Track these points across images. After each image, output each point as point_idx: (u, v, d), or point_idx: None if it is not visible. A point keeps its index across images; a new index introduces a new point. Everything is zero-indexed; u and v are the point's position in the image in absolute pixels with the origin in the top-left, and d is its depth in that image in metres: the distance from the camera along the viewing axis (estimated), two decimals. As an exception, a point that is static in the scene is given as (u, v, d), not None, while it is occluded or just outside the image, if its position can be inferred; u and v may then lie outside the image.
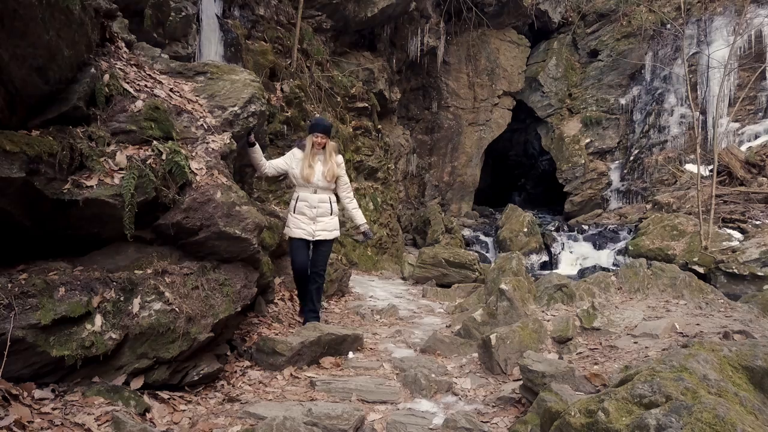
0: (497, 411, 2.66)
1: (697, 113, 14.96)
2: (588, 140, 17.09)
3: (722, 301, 3.55)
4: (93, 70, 2.79)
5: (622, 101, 16.99)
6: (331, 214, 3.99)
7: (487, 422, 2.56)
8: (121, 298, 2.58)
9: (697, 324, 2.90)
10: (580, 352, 2.90)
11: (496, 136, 16.80)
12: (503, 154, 20.61)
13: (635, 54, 16.48)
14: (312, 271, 3.99)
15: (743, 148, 14.24)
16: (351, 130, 9.61)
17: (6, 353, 2.18)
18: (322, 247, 3.99)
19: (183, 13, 6.33)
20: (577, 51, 18.02)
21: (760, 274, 8.19)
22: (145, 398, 2.53)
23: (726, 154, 13.79)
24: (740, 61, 14.57)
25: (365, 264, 8.45)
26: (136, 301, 2.60)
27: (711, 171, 14.35)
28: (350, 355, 3.46)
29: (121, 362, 2.56)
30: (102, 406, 2.35)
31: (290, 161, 4.00)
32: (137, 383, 2.59)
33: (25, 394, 2.27)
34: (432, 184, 16.11)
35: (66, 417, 2.23)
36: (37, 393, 2.31)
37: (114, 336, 2.50)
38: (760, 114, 15.12)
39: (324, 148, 3.95)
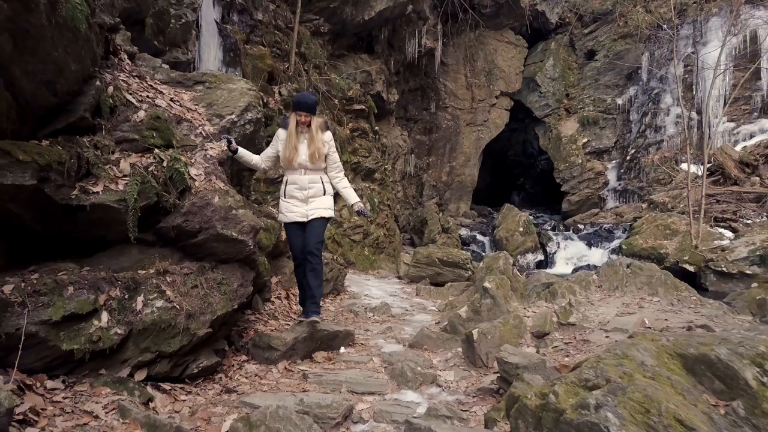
0: (477, 401, 2.85)
1: (691, 113, 15.09)
2: (585, 140, 17.23)
3: (694, 298, 3.73)
4: (98, 82, 2.97)
5: (619, 101, 17.13)
6: (324, 194, 3.75)
7: (467, 411, 2.75)
8: (126, 297, 2.76)
9: (666, 319, 3.09)
10: (556, 346, 3.08)
11: (494, 136, 16.98)
12: (502, 154, 20.78)
13: (632, 54, 16.61)
14: (305, 251, 3.68)
15: (738, 147, 14.35)
16: (348, 132, 9.80)
17: (21, 347, 2.37)
18: (313, 223, 3.69)
19: (183, 20, 6.51)
20: (574, 51, 18.16)
21: (748, 272, 8.35)
22: (148, 389, 2.72)
23: (720, 153, 13.93)
24: (735, 62, 14.70)
25: (362, 263, 8.64)
26: (140, 299, 2.78)
27: (706, 170, 14.52)
28: (342, 350, 3.65)
29: (126, 356, 2.75)
30: (109, 396, 2.54)
31: (275, 143, 3.77)
32: (141, 375, 2.78)
33: (38, 384, 2.46)
34: (430, 184, 16.29)
35: (76, 405, 2.43)
36: (49, 383, 2.50)
37: (119, 331, 2.68)
38: (755, 114, 15.23)
39: (309, 126, 3.67)
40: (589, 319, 3.27)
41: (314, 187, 3.73)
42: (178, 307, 2.84)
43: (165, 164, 2.97)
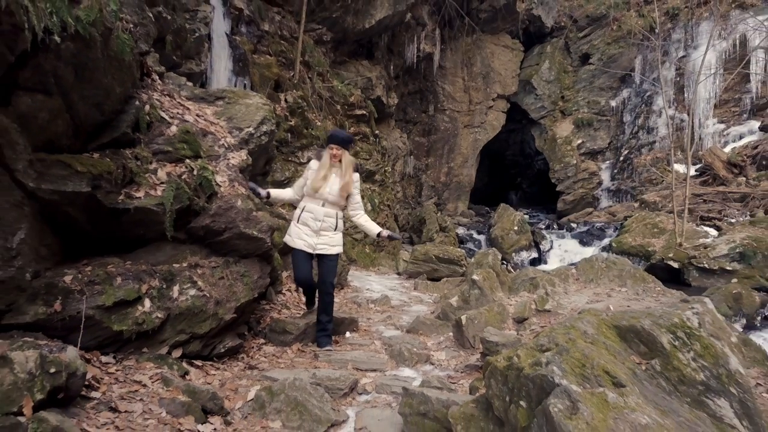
0: (464, 375, 3.33)
1: (683, 115, 15.55)
2: (580, 141, 17.68)
3: (659, 288, 4.19)
4: (137, 102, 3.43)
5: (613, 103, 17.59)
6: (335, 230, 3.83)
7: (455, 383, 3.22)
8: (164, 286, 3.23)
9: (628, 306, 3.55)
10: (533, 329, 3.55)
11: (491, 137, 17.43)
12: (500, 154, 21.23)
13: (625, 57, 17.07)
14: (320, 288, 3.84)
15: (728, 148, 14.79)
16: (350, 135, 10.26)
17: (82, 327, 2.84)
18: (327, 260, 3.83)
19: (196, 34, 6.99)
20: (569, 55, 18.60)
21: (728, 268, 8.80)
22: (184, 364, 3.19)
23: (709, 154, 14.38)
24: (725, 65, 15.15)
25: (363, 261, 9.10)
26: (176, 288, 3.25)
27: (696, 171, 15.03)
28: (347, 334, 4.12)
29: (164, 336, 3.22)
30: (152, 369, 3.01)
31: (306, 173, 3.91)
32: (177, 353, 3.25)
33: (95, 359, 2.93)
34: (429, 184, 16.75)
35: (127, 376, 2.89)
36: (103, 359, 2.97)
37: (159, 315, 3.15)
38: (745, 115, 15.66)
39: (341, 161, 3.80)
40: (563, 306, 3.74)
41: (328, 221, 3.80)
42: (207, 295, 3.31)
43: (195, 173, 3.44)
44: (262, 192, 3.83)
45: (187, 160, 3.48)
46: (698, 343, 1.99)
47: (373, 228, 3.96)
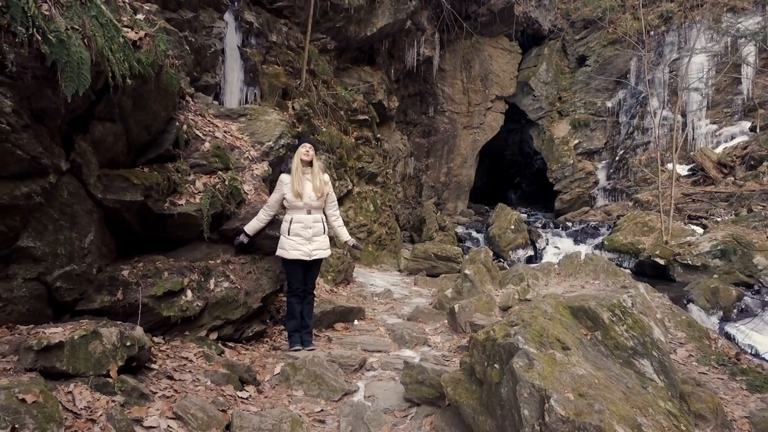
0: (456, 354, 3.92)
1: (672, 115, 16.10)
2: (577, 141, 18.19)
3: (628, 281, 4.77)
4: (177, 122, 4.03)
5: (609, 104, 18.09)
6: (324, 233, 4.09)
7: (448, 360, 3.82)
8: (202, 279, 3.83)
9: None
10: (515, 315, 4.15)
11: (490, 138, 17.98)
12: (499, 154, 21.75)
13: (621, 59, 17.56)
14: (306, 289, 4.09)
15: (720, 148, 15.29)
16: (353, 140, 10.85)
17: (140, 312, 3.44)
18: (316, 266, 4.13)
19: (212, 49, 7.56)
20: (566, 57, 19.11)
21: (710, 264, 9.37)
22: (220, 345, 3.79)
23: (700, 155, 14.93)
24: (718, 67, 15.68)
25: (366, 259, 9.69)
26: (212, 281, 3.85)
27: (689, 171, 15.60)
28: (355, 322, 4.72)
29: (203, 322, 3.81)
30: (195, 348, 3.61)
31: (281, 188, 4.03)
32: (213, 336, 3.85)
33: (149, 339, 3.53)
34: (429, 184, 17.32)
35: (176, 353, 3.49)
36: (155, 339, 3.57)
37: (199, 304, 3.75)
38: (736, 116, 16.17)
39: (311, 165, 4.05)
40: (542, 296, 4.32)
41: (317, 227, 4.04)
42: (239, 287, 3.91)
43: (226, 183, 4.04)
44: (243, 239, 4.04)
45: (219, 172, 4.08)
46: (630, 319, 2.58)
47: (344, 235, 4.32)
